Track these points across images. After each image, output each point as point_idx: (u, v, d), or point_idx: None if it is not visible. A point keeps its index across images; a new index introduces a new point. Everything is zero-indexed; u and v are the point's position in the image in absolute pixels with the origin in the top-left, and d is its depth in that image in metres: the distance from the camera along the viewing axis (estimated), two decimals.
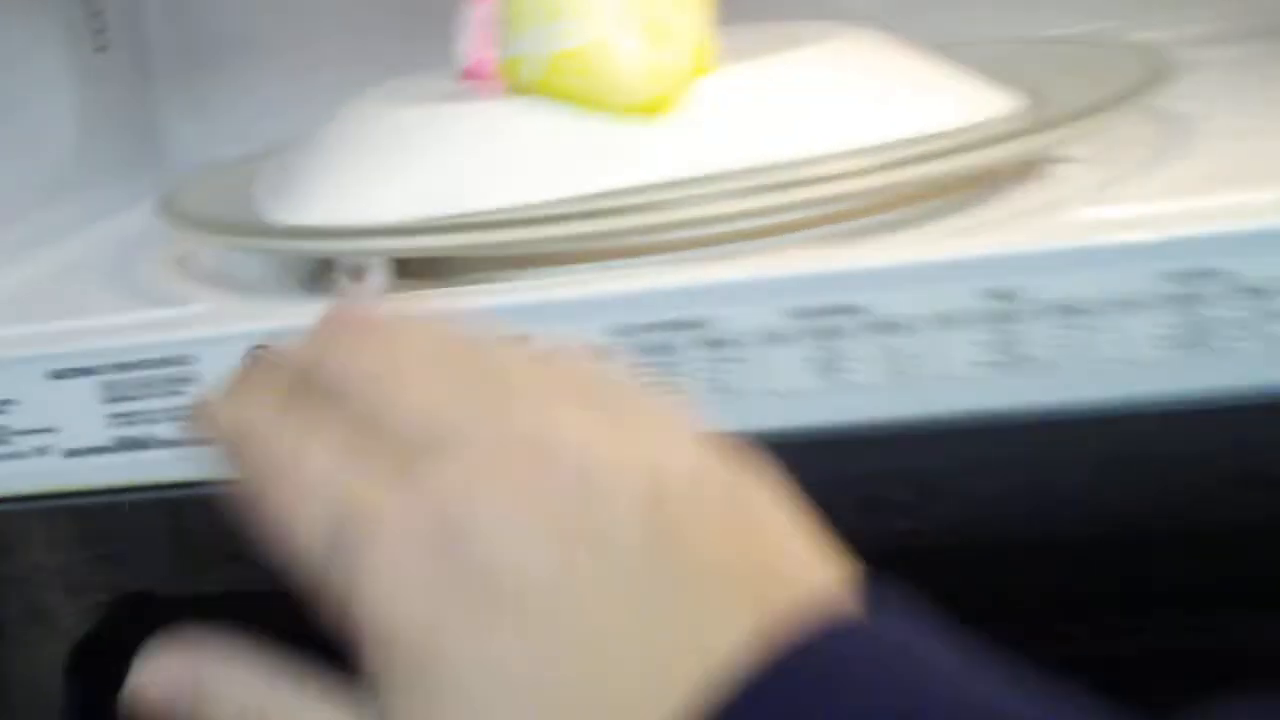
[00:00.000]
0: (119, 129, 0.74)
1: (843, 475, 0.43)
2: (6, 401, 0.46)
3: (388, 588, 0.26)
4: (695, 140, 0.48)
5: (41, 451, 0.46)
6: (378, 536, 0.26)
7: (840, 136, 0.48)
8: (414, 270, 0.47)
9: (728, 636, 0.25)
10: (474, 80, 0.56)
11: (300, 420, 0.29)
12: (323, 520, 0.27)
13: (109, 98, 0.73)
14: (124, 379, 0.45)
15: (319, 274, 0.50)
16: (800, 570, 0.27)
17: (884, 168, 0.45)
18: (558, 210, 0.45)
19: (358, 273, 0.47)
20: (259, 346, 0.43)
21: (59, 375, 0.46)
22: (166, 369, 0.45)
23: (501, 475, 0.26)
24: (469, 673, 0.25)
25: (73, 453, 0.46)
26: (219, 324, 0.46)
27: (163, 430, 0.46)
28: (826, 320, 0.42)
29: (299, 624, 0.28)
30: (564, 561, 0.26)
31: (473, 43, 0.55)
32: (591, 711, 0.25)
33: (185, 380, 0.45)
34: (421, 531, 0.26)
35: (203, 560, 0.75)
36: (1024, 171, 0.50)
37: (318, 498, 0.28)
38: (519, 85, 0.50)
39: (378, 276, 0.46)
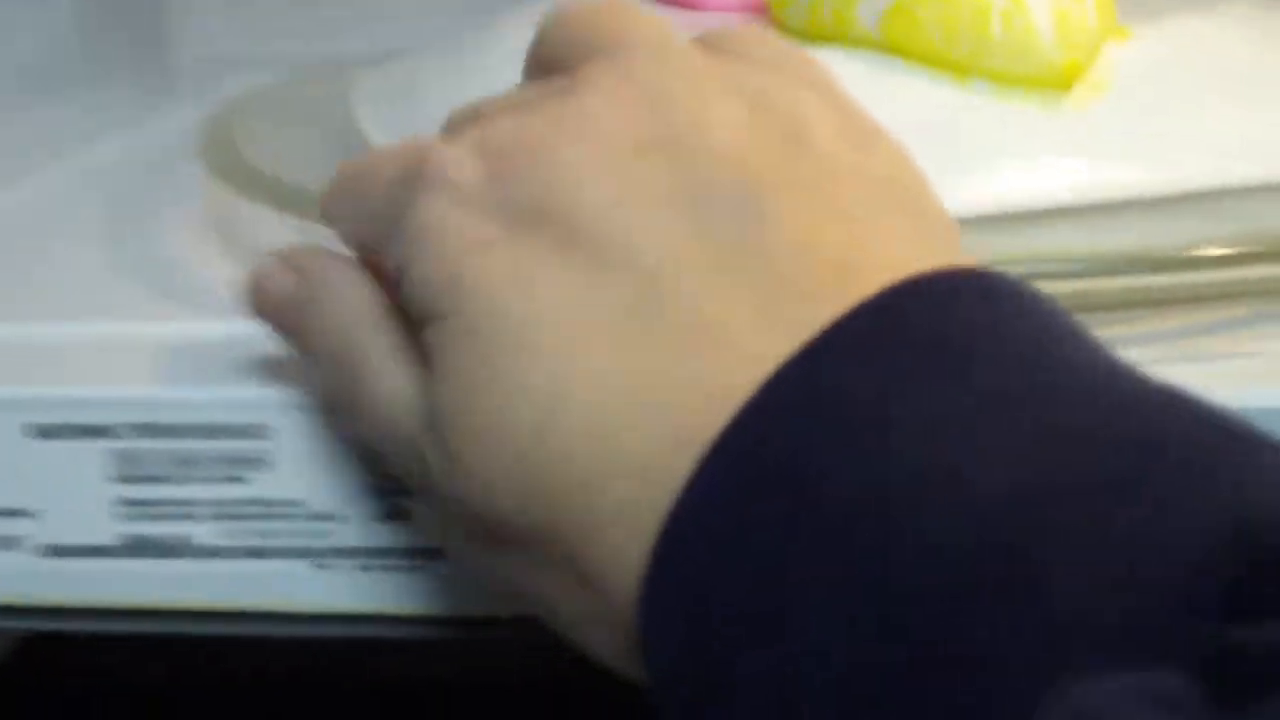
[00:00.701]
0: (121, 13, 0.56)
1: None
2: None
3: (435, 209, 0.23)
4: (1129, 135, 0.32)
5: (8, 545, 0.29)
6: (442, 162, 0.24)
7: None
8: None
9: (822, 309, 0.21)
10: (700, 8, 0.39)
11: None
12: (401, 166, 0.25)
13: None
14: (150, 450, 0.29)
15: None
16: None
17: None
18: None
19: None
20: None
21: (47, 433, 0.29)
22: (222, 442, 0.28)
23: (590, 111, 0.23)
24: (510, 300, 0.22)
25: (57, 550, 0.29)
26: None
27: (206, 534, 0.29)
28: None
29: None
30: (624, 196, 0.22)
31: None
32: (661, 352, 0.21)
33: (249, 462, 0.28)
34: (485, 154, 0.24)
35: None
36: None
37: (406, 151, 0.25)
38: (820, 30, 0.34)
39: None
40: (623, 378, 0.21)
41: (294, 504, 0.29)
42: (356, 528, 0.29)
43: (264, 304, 0.28)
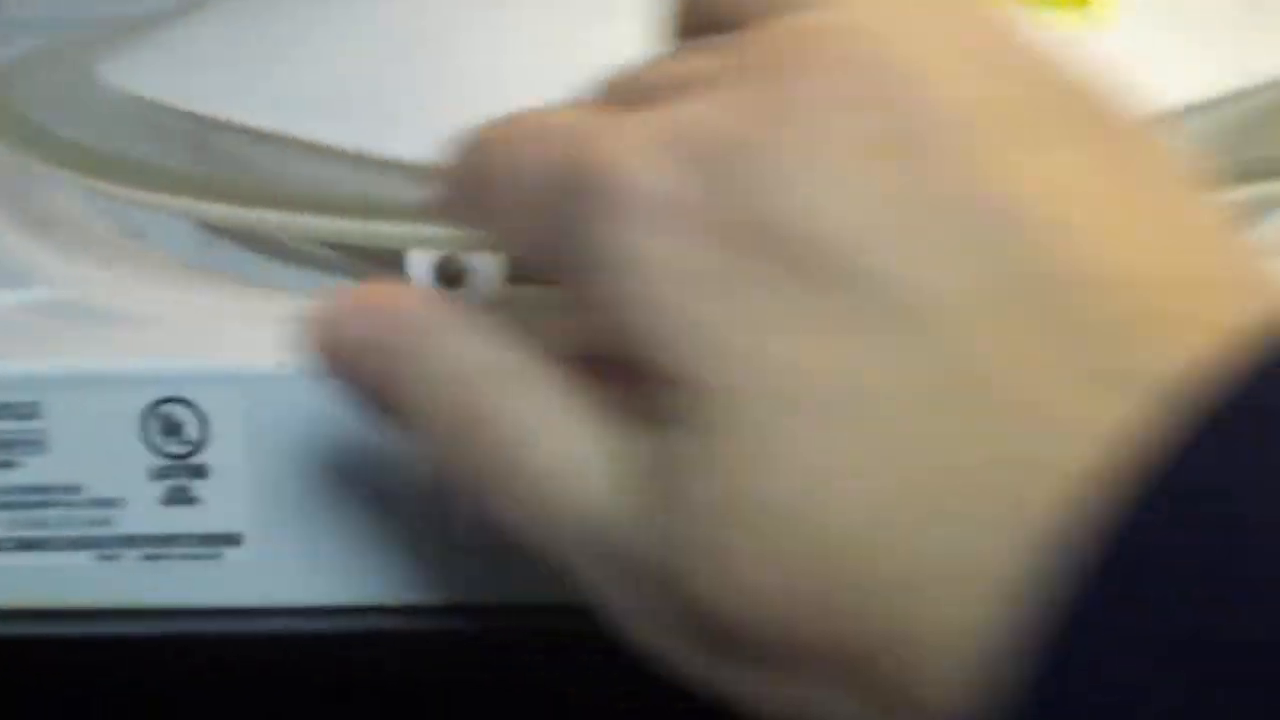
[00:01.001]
0: None
1: None
2: None
3: (637, 235, 0.19)
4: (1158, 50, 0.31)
5: None
6: (630, 165, 0.19)
7: None
8: None
9: (1159, 361, 0.17)
10: None
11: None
12: (555, 159, 0.20)
13: None
14: None
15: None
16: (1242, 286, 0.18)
17: None
18: None
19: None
20: None
21: None
22: None
23: (808, 97, 0.19)
24: (777, 362, 0.18)
25: None
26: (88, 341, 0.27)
27: None
28: None
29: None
30: (876, 220, 0.18)
31: None
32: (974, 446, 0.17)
33: (20, 444, 0.26)
34: (685, 156, 0.19)
35: None
36: None
37: (553, 132, 0.20)
38: None
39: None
40: (938, 456, 0.18)
41: (71, 489, 0.26)
42: (141, 514, 0.26)
43: (338, 353, 0.22)
